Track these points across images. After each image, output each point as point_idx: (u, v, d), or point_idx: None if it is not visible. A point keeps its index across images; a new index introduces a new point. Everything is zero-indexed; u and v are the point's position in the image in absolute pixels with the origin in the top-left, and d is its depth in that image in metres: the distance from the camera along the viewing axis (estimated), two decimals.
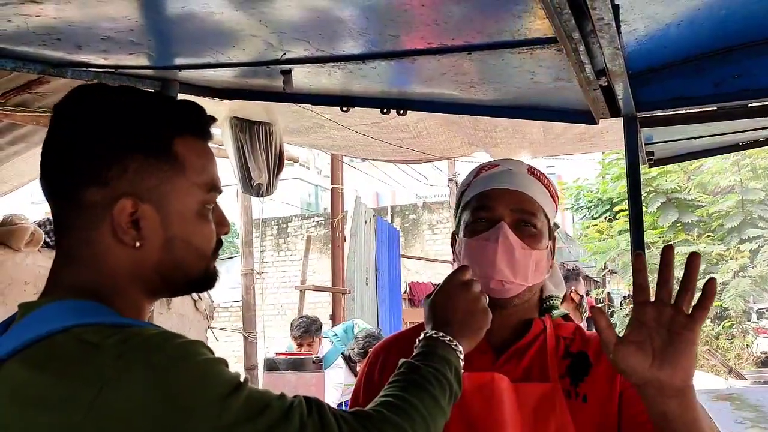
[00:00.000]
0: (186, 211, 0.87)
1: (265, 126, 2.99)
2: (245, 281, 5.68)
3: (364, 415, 0.84)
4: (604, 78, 1.61)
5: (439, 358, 0.97)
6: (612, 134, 2.96)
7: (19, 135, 3.43)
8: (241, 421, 0.73)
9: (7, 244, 3.23)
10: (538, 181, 1.26)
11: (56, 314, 0.78)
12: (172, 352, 0.75)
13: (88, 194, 0.83)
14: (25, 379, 0.74)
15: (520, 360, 1.21)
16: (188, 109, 0.90)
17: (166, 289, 0.89)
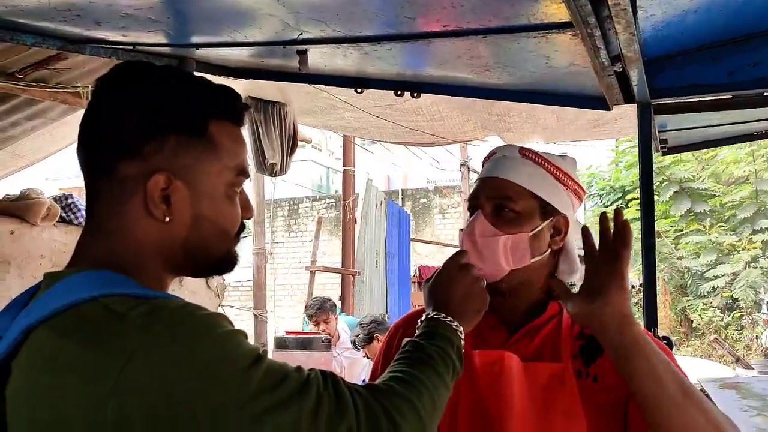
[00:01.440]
0: (215, 192, 0.89)
1: (279, 106, 3.00)
2: (256, 260, 5.73)
3: (375, 388, 0.88)
4: (619, 64, 1.61)
5: (442, 337, 1.01)
6: (625, 121, 2.95)
7: (36, 110, 3.47)
8: (261, 392, 0.76)
9: (24, 219, 3.27)
10: (532, 162, 1.26)
11: (83, 284, 0.80)
12: (195, 325, 0.77)
13: (124, 167, 0.85)
14: (55, 346, 0.76)
15: (532, 339, 1.23)
16: (226, 94, 0.92)
17: (189, 267, 0.91)
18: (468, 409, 1.18)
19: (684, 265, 10.93)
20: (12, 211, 3.25)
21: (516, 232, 1.21)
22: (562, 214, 1.26)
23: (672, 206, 11.05)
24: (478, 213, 1.23)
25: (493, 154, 1.31)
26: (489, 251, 1.20)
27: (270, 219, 12.10)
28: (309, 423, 0.77)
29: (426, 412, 0.89)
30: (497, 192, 1.23)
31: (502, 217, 1.22)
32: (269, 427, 0.75)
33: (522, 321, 1.25)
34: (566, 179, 1.28)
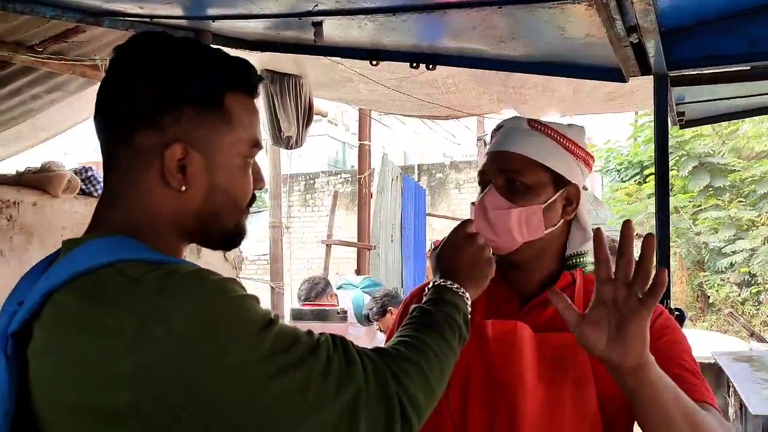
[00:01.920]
0: (230, 163, 0.91)
1: (295, 78, 3.01)
2: (272, 234, 5.79)
3: (384, 352, 0.90)
4: (635, 35, 1.60)
5: (448, 303, 1.03)
6: (642, 94, 2.92)
7: (55, 83, 3.51)
8: (273, 354, 0.78)
9: (46, 191, 3.33)
10: (540, 133, 1.25)
11: (100, 250, 0.83)
12: (209, 288, 0.80)
13: (143, 136, 0.87)
14: (75, 308, 0.79)
15: (545, 309, 1.24)
16: (241, 65, 0.93)
17: (201, 236, 0.93)
18: (480, 378, 1.20)
19: (702, 241, 10.85)
20: (34, 183, 3.31)
21: (528, 204, 1.21)
22: (573, 184, 1.26)
23: (690, 181, 10.93)
24: (489, 187, 1.24)
25: (501, 127, 1.31)
26: (503, 225, 1.21)
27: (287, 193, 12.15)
28: (318, 384, 0.80)
29: (433, 375, 0.91)
30: (507, 165, 1.23)
31: (514, 191, 1.22)
32: (280, 387, 0.78)
33: (535, 292, 1.27)
34: (575, 148, 1.27)
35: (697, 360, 1.24)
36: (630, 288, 0.96)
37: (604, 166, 13.95)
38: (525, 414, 1.15)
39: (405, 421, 0.85)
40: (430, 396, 0.90)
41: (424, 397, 0.89)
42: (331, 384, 0.81)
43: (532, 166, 1.23)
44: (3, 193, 3.19)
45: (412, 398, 0.87)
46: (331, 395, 0.80)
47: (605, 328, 0.98)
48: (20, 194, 3.27)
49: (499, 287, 1.28)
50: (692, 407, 1.03)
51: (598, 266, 1.00)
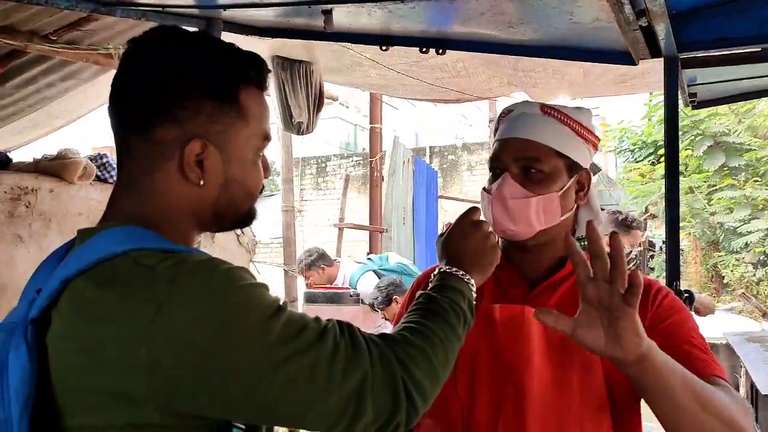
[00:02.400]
0: (244, 157, 0.94)
1: (305, 65, 3.02)
2: (285, 218, 5.83)
3: (390, 337, 0.92)
4: (644, 18, 1.60)
5: (454, 290, 1.05)
6: (654, 75, 2.90)
7: (69, 72, 3.54)
8: (282, 341, 0.81)
9: (62, 177, 3.38)
10: (554, 119, 1.25)
11: (115, 239, 0.86)
12: (220, 277, 0.82)
13: (162, 131, 0.89)
14: (92, 296, 0.82)
15: (552, 294, 1.25)
16: (254, 60, 0.95)
17: (215, 225, 0.96)
18: (488, 362, 1.21)
19: (716, 221, 10.76)
20: (50, 170, 3.36)
21: (545, 193, 1.21)
22: (585, 168, 1.27)
23: (705, 161, 10.82)
24: (505, 175, 1.23)
25: (510, 112, 1.30)
26: (521, 213, 1.21)
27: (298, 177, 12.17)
28: (326, 370, 0.82)
29: (438, 360, 0.93)
30: (524, 153, 1.23)
31: (531, 179, 1.22)
32: (288, 373, 0.80)
33: (543, 276, 1.28)
34: (586, 133, 1.27)
35: (709, 341, 1.25)
36: (611, 285, 0.97)
37: (618, 146, 13.82)
38: (533, 397, 1.16)
39: (410, 405, 0.88)
40: (434, 381, 0.92)
41: (429, 382, 0.91)
42: (338, 370, 0.83)
43: (548, 154, 1.22)
44: (21, 181, 3.24)
45: (417, 383, 0.89)
46: (338, 381, 0.83)
47: (599, 327, 0.99)
48: (38, 181, 3.33)
49: (506, 272, 1.29)
50: (701, 387, 1.04)
51: (576, 268, 1.00)
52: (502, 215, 1.22)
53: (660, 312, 1.21)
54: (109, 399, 0.79)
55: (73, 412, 0.82)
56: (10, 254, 3.15)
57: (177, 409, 0.79)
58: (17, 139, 4.52)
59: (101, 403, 0.80)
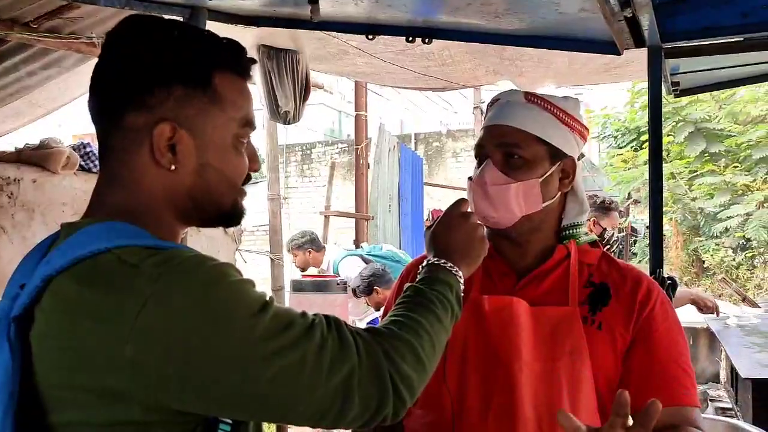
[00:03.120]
0: (221, 142, 0.93)
1: (291, 54, 3.01)
2: (271, 206, 5.81)
3: (377, 331, 0.93)
4: (629, 9, 1.61)
5: (441, 282, 1.05)
6: (638, 64, 2.92)
7: (51, 60, 3.49)
8: (269, 336, 0.81)
9: (45, 167, 3.35)
10: (538, 107, 1.26)
11: (98, 235, 0.85)
12: (205, 274, 0.82)
13: (131, 118, 0.89)
14: (75, 294, 0.81)
15: (540, 283, 1.27)
16: (231, 47, 0.94)
17: (197, 215, 0.95)
18: (477, 352, 1.23)
19: (697, 206, 10.89)
20: (33, 160, 3.32)
21: (527, 179, 1.22)
22: (570, 156, 1.27)
23: (687, 147, 10.92)
24: (487, 161, 1.25)
25: (497, 100, 1.31)
26: (501, 199, 1.22)
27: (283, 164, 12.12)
28: (313, 364, 0.83)
29: (425, 353, 0.94)
30: (505, 139, 1.24)
31: (512, 165, 1.23)
32: (275, 368, 0.81)
33: (531, 266, 1.29)
34: (571, 121, 1.28)
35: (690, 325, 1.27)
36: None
37: (601, 132, 13.90)
38: (522, 386, 1.18)
39: (397, 398, 0.88)
40: (422, 374, 0.93)
41: (417, 375, 0.92)
42: (325, 364, 0.83)
43: (529, 140, 1.23)
44: (3, 171, 3.21)
45: (404, 376, 0.89)
46: (325, 375, 0.83)
47: None
48: (20, 171, 3.29)
49: (495, 262, 1.30)
50: None
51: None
52: (482, 201, 1.24)
53: (652, 318, 1.22)
54: (93, 396, 0.79)
55: (57, 409, 0.82)
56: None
57: (162, 405, 0.79)
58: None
59: (85, 400, 0.80)
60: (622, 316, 1.22)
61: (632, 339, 1.21)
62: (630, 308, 1.22)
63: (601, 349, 1.20)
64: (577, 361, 1.19)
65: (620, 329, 1.21)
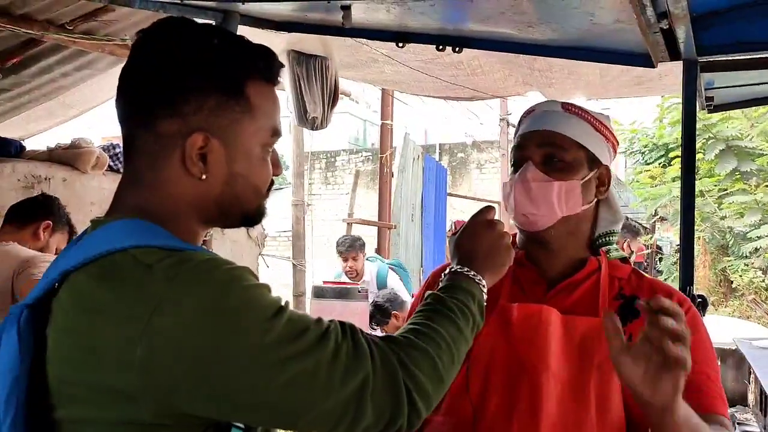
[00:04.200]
0: (250, 152, 0.92)
1: (321, 60, 3.02)
2: (295, 212, 5.83)
3: (393, 339, 0.91)
4: (665, 21, 1.59)
5: (463, 290, 1.03)
6: (671, 78, 2.89)
7: (85, 62, 3.55)
8: (282, 341, 0.80)
9: (75, 166, 3.40)
10: (575, 116, 1.28)
11: (117, 233, 0.85)
12: (220, 277, 0.81)
13: (165, 124, 0.88)
14: (91, 291, 0.81)
15: (570, 294, 1.25)
16: (263, 54, 0.94)
17: (221, 221, 0.95)
18: (503, 360, 1.21)
19: (726, 225, 10.70)
20: (64, 159, 3.38)
21: (566, 180, 1.24)
22: (605, 165, 1.29)
23: (717, 165, 10.76)
24: (528, 163, 1.25)
25: (533, 111, 1.33)
26: (544, 197, 1.23)
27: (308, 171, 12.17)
28: (327, 371, 0.81)
29: (443, 363, 0.91)
30: (547, 141, 1.26)
31: (553, 167, 1.25)
32: (289, 374, 0.79)
33: (562, 276, 1.28)
34: (606, 132, 1.30)
35: (717, 345, 1.25)
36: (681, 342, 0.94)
37: (628, 147, 13.76)
38: (548, 397, 1.16)
39: (412, 408, 0.86)
40: (438, 384, 0.91)
41: (433, 386, 0.89)
42: (338, 371, 0.82)
43: (570, 144, 1.25)
44: (35, 169, 3.27)
45: (420, 386, 0.87)
46: (338, 382, 0.81)
47: (642, 365, 0.96)
48: (51, 170, 3.35)
49: (524, 270, 1.30)
50: None
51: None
52: (524, 199, 1.23)
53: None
54: (103, 394, 0.79)
55: (67, 404, 0.82)
56: None
57: (173, 408, 0.79)
58: (32, 127, 4.54)
59: (95, 398, 0.80)
60: None
61: None
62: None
63: None
64: (606, 374, 1.17)
65: None
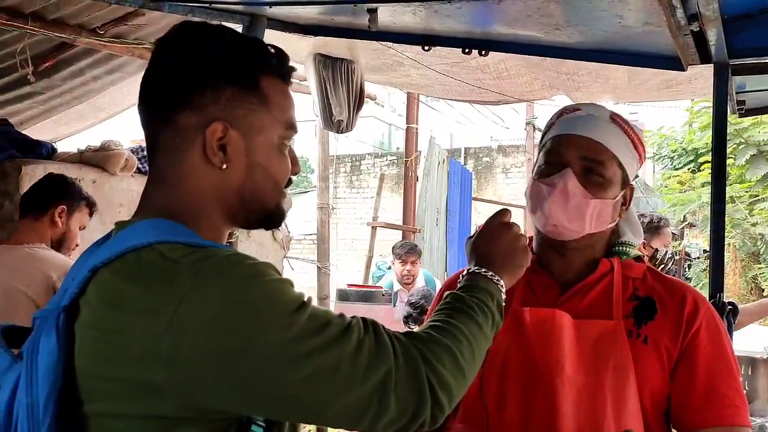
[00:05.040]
0: (267, 143, 0.94)
1: (347, 63, 3.04)
2: (320, 215, 5.86)
3: (415, 335, 0.91)
4: (696, 23, 1.56)
5: (482, 290, 1.03)
6: (701, 82, 2.84)
7: (115, 65, 3.62)
8: (305, 336, 0.81)
9: (105, 168, 3.45)
10: (620, 129, 1.24)
11: (143, 231, 0.87)
12: (243, 272, 0.82)
13: (184, 117, 0.91)
14: (117, 286, 0.83)
15: (584, 297, 1.24)
16: (275, 52, 0.97)
17: (244, 215, 0.96)
18: (517, 365, 1.21)
19: (758, 232, 10.49)
20: (94, 161, 3.44)
21: (602, 198, 1.21)
22: (631, 184, 1.27)
23: (748, 170, 10.55)
24: (568, 170, 1.21)
25: (576, 110, 1.28)
26: (579, 213, 1.21)
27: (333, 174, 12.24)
28: (348, 365, 0.82)
29: (465, 359, 0.92)
30: (590, 153, 1.22)
31: (592, 181, 1.21)
32: (310, 368, 0.80)
33: (575, 279, 1.27)
34: (640, 148, 1.27)
35: (748, 354, 1.23)
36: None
37: (657, 152, 13.57)
38: (564, 400, 1.15)
39: (435, 403, 0.86)
40: (461, 379, 0.91)
41: (455, 381, 0.89)
42: (360, 366, 0.82)
43: (612, 161, 1.22)
44: (65, 171, 3.32)
45: (443, 381, 0.87)
46: (360, 377, 0.82)
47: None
48: (81, 172, 3.40)
49: (537, 275, 1.29)
50: None
51: None
52: (559, 209, 1.21)
53: (699, 333, 1.19)
54: (129, 388, 0.80)
55: (94, 399, 0.83)
56: None
57: (196, 402, 0.80)
58: (63, 130, 4.64)
59: (121, 392, 0.81)
60: (670, 331, 1.19)
61: (679, 354, 1.18)
62: (677, 323, 1.20)
63: (647, 363, 1.17)
64: (622, 377, 1.16)
65: (667, 344, 1.18)
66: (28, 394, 0.83)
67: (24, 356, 0.86)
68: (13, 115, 3.86)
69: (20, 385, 0.84)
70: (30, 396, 0.83)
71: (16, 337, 0.92)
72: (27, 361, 0.84)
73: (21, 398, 0.83)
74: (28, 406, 0.82)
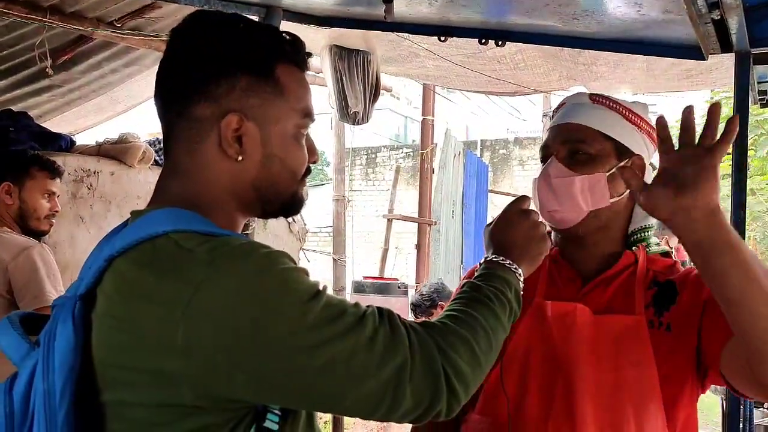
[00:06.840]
0: (283, 132, 0.94)
1: (363, 54, 3.03)
2: (336, 207, 5.87)
3: (431, 325, 0.91)
4: (717, 11, 1.54)
5: (500, 278, 1.02)
6: (721, 71, 2.79)
7: (132, 58, 3.64)
8: (320, 324, 0.80)
9: (123, 161, 3.48)
10: (603, 106, 1.26)
11: (158, 220, 0.87)
12: (258, 260, 0.82)
13: (199, 109, 0.90)
14: (133, 274, 0.84)
15: (605, 290, 1.24)
16: (291, 39, 0.96)
17: (259, 207, 0.96)
18: (539, 359, 1.21)
19: None
20: (112, 153, 3.47)
21: (589, 173, 1.21)
22: (638, 154, 1.25)
23: None
24: (552, 158, 1.25)
25: (563, 104, 1.33)
26: (566, 193, 1.21)
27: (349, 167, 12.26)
28: (364, 354, 0.81)
29: (481, 349, 0.91)
30: (570, 136, 1.24)
31: (577, 160, 1.23)
32: (325, 357, 0.80)
33: (596, 271, 1.26)
34: (639, 121, 1.27)
35: None
36: (697, 145, 0.98)
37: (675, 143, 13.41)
38: (584, 395, 1.15)
39: (451, 393, 0.86)
40: (477, 370, 0.90)
41: (471, 371, 0.89)
42: (375, 355, 0.82)
43: (595, 136, 1.23)
44: (84, 163, 3.36)
45: (459, 371, 0.87)
46: (375, 366, 0.82)
47: (672, 185, 0.96)
48: (99, 164, 3.44)
49: (559, 267, 1.29)
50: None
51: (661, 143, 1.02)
52: (548, 196, 1.23)
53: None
54: (145, 377, 0.81)
55: (111, 388, 0.84)
56: (72, 234, 3.27)
57: (212, 391, 0.80)
58: (82, 122, 4.68)
59: (137, 381, 0.81)
60: (690, 306, 1.17)
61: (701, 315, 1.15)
62: (696, 303, 1.17)
63: (671, 351, 1.16)
64: (644, 374, 1.15)
65: (689, 322, 1.17)
66: (45, 380, 0.83)
67: (41, 343, 0.86)
68: (32, 108, 3.91)
69: (37, 372, 0.85)
70: (47, 382, 0.83)
71: (34, 325, 0.93)
72: (44, 348, 0.85)
73: (38, 385, 0.84)
74: (45, 393, 0.83)
